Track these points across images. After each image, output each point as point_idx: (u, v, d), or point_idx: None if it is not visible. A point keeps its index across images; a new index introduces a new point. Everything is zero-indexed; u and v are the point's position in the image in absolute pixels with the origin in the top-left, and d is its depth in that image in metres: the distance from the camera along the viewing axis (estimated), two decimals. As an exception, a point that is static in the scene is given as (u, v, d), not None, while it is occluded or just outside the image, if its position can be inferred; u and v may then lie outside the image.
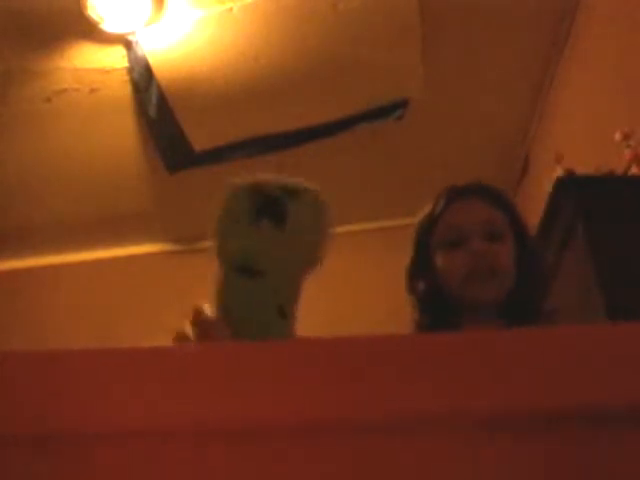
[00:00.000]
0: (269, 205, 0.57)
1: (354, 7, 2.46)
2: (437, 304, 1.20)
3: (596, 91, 2.41)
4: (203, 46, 2.57)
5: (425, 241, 1.26)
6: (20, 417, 0.38)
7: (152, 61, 2.60)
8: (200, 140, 2.95)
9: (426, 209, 1.29)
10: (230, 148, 3.01)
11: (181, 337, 0.63)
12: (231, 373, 0.39)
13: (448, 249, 1.19)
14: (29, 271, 3.56)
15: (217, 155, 3.03)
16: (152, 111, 2.77)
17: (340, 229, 3.58)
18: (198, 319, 0.60)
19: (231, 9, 2.45)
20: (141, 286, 3.50)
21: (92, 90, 2.73)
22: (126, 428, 0.38)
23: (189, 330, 0.63)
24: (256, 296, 0.57)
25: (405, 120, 2.92)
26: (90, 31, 2.46)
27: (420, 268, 1.25)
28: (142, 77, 2.65)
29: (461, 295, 1.16)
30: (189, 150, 2.98)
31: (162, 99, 2.73)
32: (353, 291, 3.33)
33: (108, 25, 2.43)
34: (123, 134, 2.95)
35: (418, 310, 1.22)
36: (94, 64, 2.62)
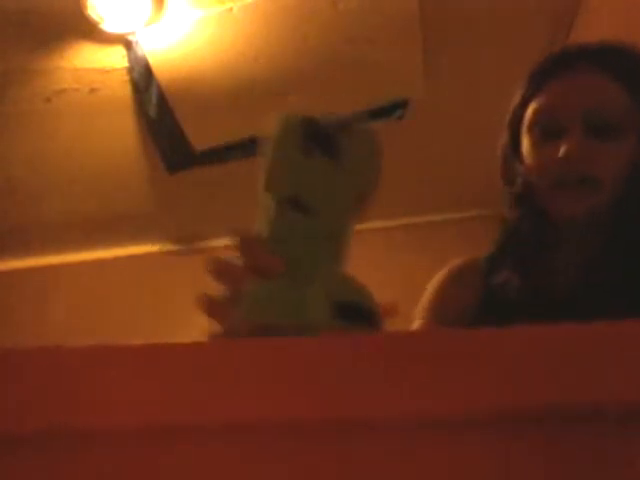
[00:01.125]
0: (322, 138, 0.53)
1: (354, 7, 2.45)
2: (524, 210, 0.95)
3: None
4: (203, 46, 2.56)
5: (517, 127, 0.99)
6: (19, 415, 0.38)
7: (152, 61, 2.60)
8: (200, 140, 2.96)
9: (523, 83, 1.02)
10: (230, 148, 3.01)
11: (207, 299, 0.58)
12: (232, 370, 0.39)
13: (538, 139, 0.93)
14: (29, 271, 3.56)
15: (217, 155, 3.03)
16: (152, 111, 2.77)
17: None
18: (244, 237, 0.54)
19: (231, 9, 2.44)
20: (141, 286, 3.50)
21: (92, 90, 2.73)
22: (125, 426, 0.38)
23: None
24: (308, 232, 0.54)
25: (405, 120, 2.92)
26: (90, 31, 2.46)
27: (511, 160, 0.99)
28: (142, 77, 2.65)
29: (546, 205, 0.91)
30: (189, 150, 2.98)
31: (162, 99, 2.73)
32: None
33: (108, 25, 2.43)
34: (123, 134, 2.95)
35: (508, 210, 0.99)
36: (94, 64, 2.62)
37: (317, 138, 0.54)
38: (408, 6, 2.46)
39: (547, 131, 0.91)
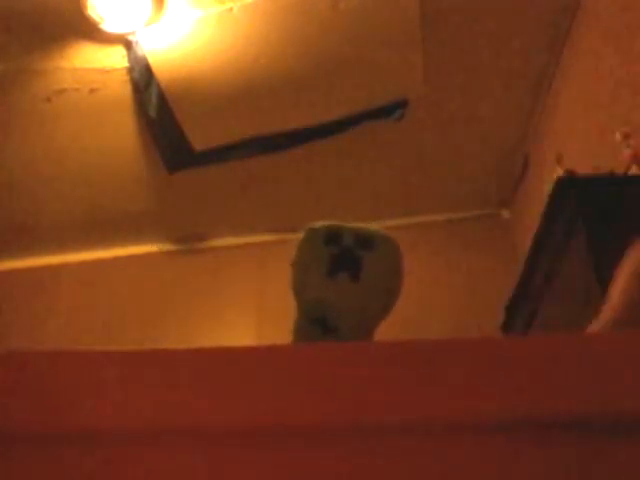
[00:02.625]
0: (344, 256, 0.56)
1: (354, 7, 2.46)
2: None
3: (596, 91, 2.41)
4: (203, 46, 2.57)
5: None
6: (19, 417, 0.38)
7: (152, 61, 2.60)
8: (200, 140, 2.96)
9: None
10: (230, 148, 3.01)
11: None
12: (229, 376, 0.39)
13: None
14: (29, 271, 3.56)
15: (217, 155, 3.03)
16: (152, 111, 2.77)
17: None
18: None
19: (231, 9, 2.45)
20: (141, 286, 3.50)
21: (92, 90, 2.73)
22: (126, 428, 0.38)
23: None
24: None
25: (405, 120, 2.92)
26: (90, 31, 2.46)
27: None
28: (142, 77, 2.65)
29: None
30: (189, 150, 2.98)
31: (162, 99, 2.73)
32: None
33: (108, 25, 2.44)
34: (123, 134, 2.95)
35: None
36: (94, 64, 2.62)
37: (339, 255, 0.56)
38: (408, 6, 2.46)
39: None
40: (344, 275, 0.55)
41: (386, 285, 0.58)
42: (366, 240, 0.57)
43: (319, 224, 0.59)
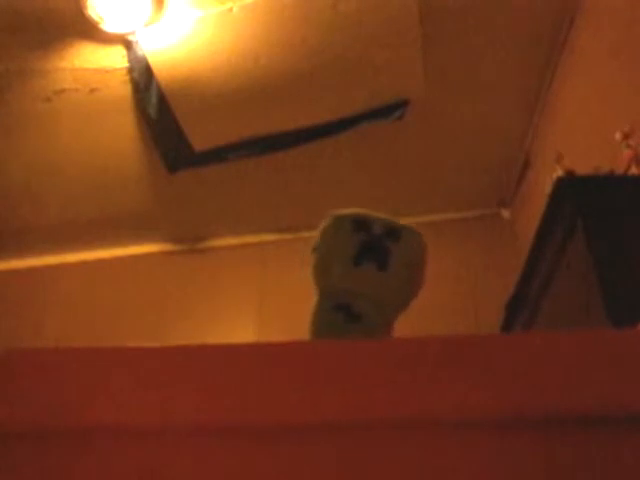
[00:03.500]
0: (372, 245, 0.57)
1: (354, 7, 2.46)
2: None
3: (596, 91, 2.41)
4: (203, 46, 2.57)
5: None
6: (19, 415, 0.38)
7: (152, 61, 2.60)
8: (200, 140, 2.96)
9: None
10: (230, 148, 3.01)
11: None
12: (231, 373, 0.39)
13: None
14: (29, 271, 3.56)
15: (217, 155, 3.04)
16: (152, 111, 2.78)
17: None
18: None
19: (231, 9, 2.45)
20: (141, 286, 3.50)
21: (92, 90, 2.73)
22: (125, 426, 0.38)
23: None
24: (350, 337, 0.57)
25: (405, 120, 2.92)
26: (90, 31, 2.46)
27: None
28: (142, 77, 2.65)
29: None
30: (189, 150, 2.98)
31: (162, 99, 2.73)
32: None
33: (108, 25, 2.44)
34: (123, 134, 2.95)
35: None
36: (94, 64, 2.62)
37: (367, 244, 0.57)
38: (408, 7, 2.46)
39: None
40: (371, 264, 0.55)
41: (410, 277, 0.58)
42: (394, 231, 0.57)
43: (346, 212, 0.60)
